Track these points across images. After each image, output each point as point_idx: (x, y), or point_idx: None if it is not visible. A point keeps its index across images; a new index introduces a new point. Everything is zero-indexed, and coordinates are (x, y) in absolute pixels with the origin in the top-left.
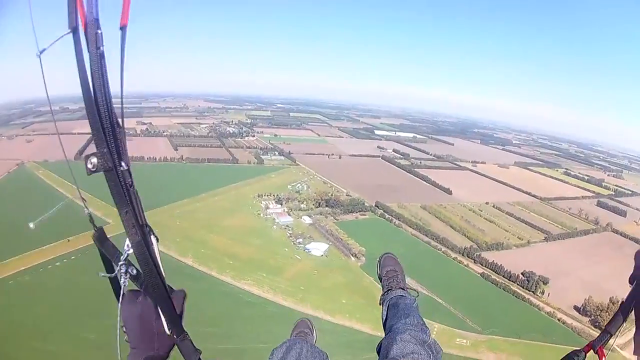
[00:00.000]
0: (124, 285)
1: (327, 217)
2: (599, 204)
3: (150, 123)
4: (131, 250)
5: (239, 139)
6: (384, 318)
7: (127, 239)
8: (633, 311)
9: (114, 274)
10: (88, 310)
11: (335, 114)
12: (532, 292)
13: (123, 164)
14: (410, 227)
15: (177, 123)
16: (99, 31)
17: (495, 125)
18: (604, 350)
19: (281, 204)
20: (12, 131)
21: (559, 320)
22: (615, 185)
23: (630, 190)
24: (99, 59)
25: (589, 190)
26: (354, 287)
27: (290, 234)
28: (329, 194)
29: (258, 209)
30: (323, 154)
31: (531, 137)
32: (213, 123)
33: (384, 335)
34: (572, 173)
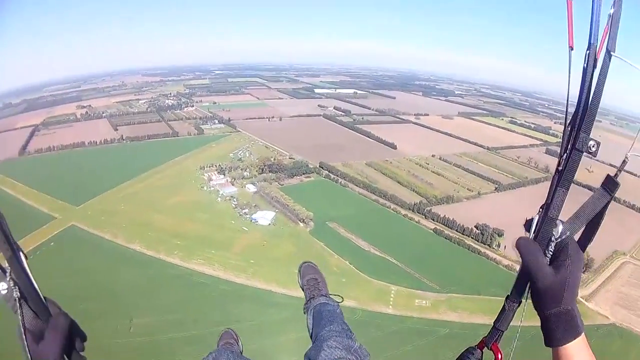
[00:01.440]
0: (17, 296)
1: (272, 183)
2: (548, 152)
3: (90, 105)
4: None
5: (178, 111)
6: (310, 327)
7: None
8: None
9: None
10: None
11: (273, 76)
12: (488, 245)
13: None
14: (356, 185)
15: (116, 102)
16: None
17: (437, 77)
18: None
19: (224, 174)
20: None
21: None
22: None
23: None
24: None
25: (536, 139)
26: (305, 255)
27: (235, 204)
28: (272, 159)
29: (201, 182)
30: (263, 118)
31: (474, 87)
32: (152, 97)
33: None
34: (518, 122)
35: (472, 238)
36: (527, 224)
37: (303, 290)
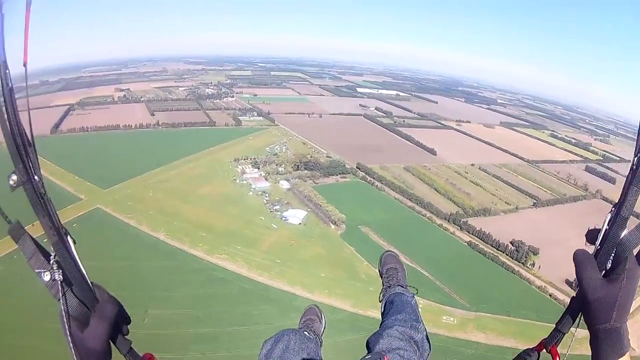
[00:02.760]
0: (60, 280)
1: (306, 180)
2: (587, 169)
3: (129, 89)
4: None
5: (217, 101)
6: (383, 315)
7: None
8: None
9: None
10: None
11: (316, 72)
12: (522, 263)
13: (36, 177)
14: (393, 190)
15: (155, 87)
16: (8, 71)
17: (479, 84)
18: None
19: (258, 168)
20: None
21: (550, 295)
22: (603, 151)
23: (618, 157)
24: (9, 93)
25: (576, 154)
26: (333, 259)
27: (266, 200)
28: (308, 156)
29: (234, 175)
30: (303, 114)
31: (516, 97)
32: (192, 85)
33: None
34: (559, 135)
35: (506, 254)
36: (590, 234)
37: (381, 277)
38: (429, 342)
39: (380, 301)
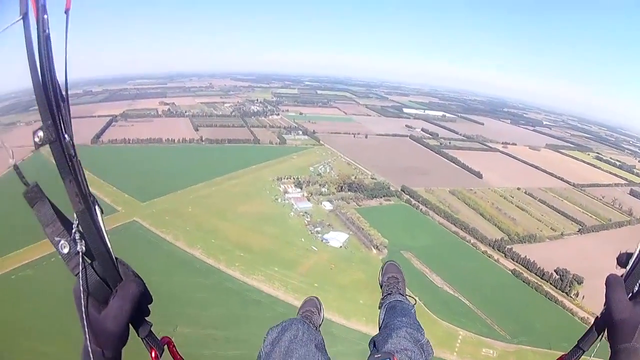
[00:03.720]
0: (82, 252)
1: (349, 202)
2: (632, 193)
3: (173, 103)
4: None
5: (263, 118)
6: (381, 321)
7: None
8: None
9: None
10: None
11: (363, 92)
12: (566, 293)
13: (66, 135)
14: (437, 214)
15: (201, 103)
16: (46, 16)
17: (525, 105)
18: None
19: (301, 188)
20: (31, 117)
21: None
22: None
23: None
24: (45, 40)
25: (620, 177)
26: (373, 285)
27: (308, 221)
28: (353, 177)
29: (276, 194)
30: (349, 133)
31: (561, 118)
32: (237, 102)
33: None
34: (604, 158)
35: (550, 284)
36: (622, 257)
37: (381, 287)
38: (431, 347)
39: (379, 308)
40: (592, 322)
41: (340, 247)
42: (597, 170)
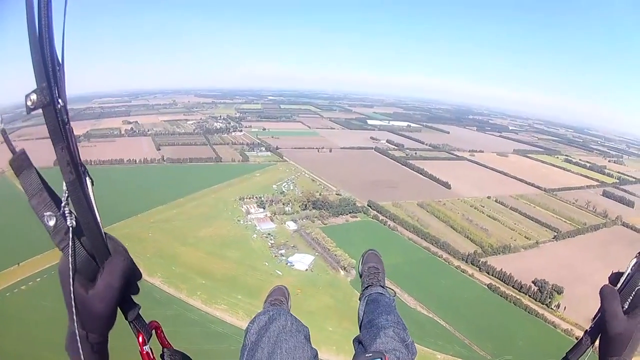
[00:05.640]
0: (72, 227)
1: (314, 221)
2: (605, 194)
3: (136, 122)
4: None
5: (226, 135)
6: (361, 313)
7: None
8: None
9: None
10: None
11: (327, 105)
12: (547, 305)
13: (60, 101)
14: (406, 229)
15: (164, 120)
16: None
17: (490, 111)
18: None
19: (264, 208)
20: None
21: (577, 339)
22: (618, 172)
23: (633, 178)
24: (46, 3)
25: (592, 179)
26: (342, 310)
27: (272, 243)
28: (317, 194)
29: (238, 215)
30: (313, 148)
31: (527, 123)
32: (201, 119)
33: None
34: (573, 160)
35: (529, 296)
36: (613, 277)
37: (361, 276)
38: (415, 347)
39: (359, 300)
40: (581, 335)
41: (306, 270)
42: (567, 173)
